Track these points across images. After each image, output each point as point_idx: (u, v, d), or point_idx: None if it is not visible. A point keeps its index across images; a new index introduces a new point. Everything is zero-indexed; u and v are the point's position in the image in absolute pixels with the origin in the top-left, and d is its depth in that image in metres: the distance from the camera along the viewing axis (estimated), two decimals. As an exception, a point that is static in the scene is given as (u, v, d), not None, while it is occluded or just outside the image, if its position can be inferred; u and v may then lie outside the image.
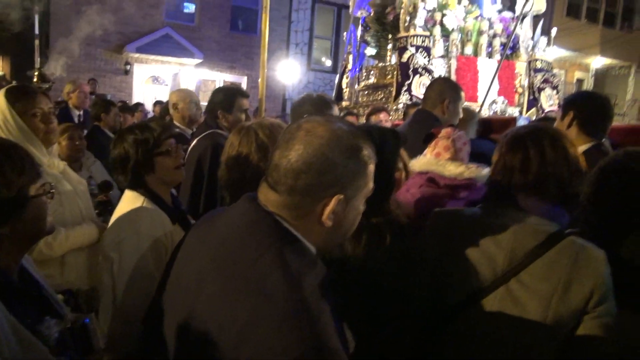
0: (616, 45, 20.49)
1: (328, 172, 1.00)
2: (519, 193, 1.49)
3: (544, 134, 1.52)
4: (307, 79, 17.09)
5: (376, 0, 6.19)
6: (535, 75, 6.14)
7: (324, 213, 1.02)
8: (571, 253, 1.38)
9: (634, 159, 1.60)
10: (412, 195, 2.08)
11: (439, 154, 2.15)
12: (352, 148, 1.03)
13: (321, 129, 1.02)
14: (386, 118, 4.64)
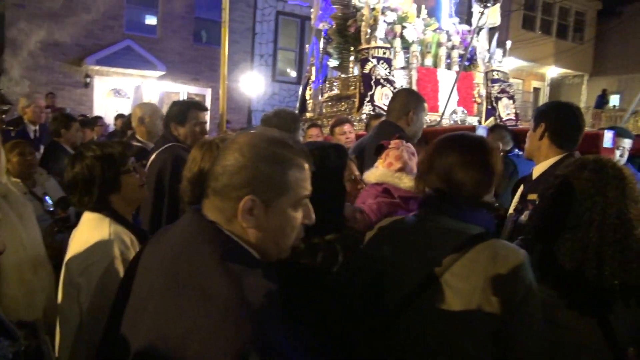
0: (569, 56, 21.43)
1: (238, 174, 1.06)
2: (444, 198, 1.54)
3: (462, 141, 1.58)
4: (272, 90, 17.11)
5: (337, 13, 6.28)
6: (493, 86, 6.35)
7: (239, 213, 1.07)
8: (490, 253, 1.42)
9: (572, 165, 1.70)
10: (368, 207, 2.12)
11: (390, 164, 2.21)
12: (267, 154, 1.08)
13: (243, 138, 1.11)
14: (350, 129, 4.68)
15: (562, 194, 1.63)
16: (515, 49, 19.56)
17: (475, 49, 6.53)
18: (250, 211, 1.06)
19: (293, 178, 1.10)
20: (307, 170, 1.15)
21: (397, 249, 1.58)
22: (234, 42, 16.03)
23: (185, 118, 2.98)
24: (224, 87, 3.66)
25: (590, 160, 1.66)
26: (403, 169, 2.18)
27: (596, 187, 1.59)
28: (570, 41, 21.90)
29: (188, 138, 2.99)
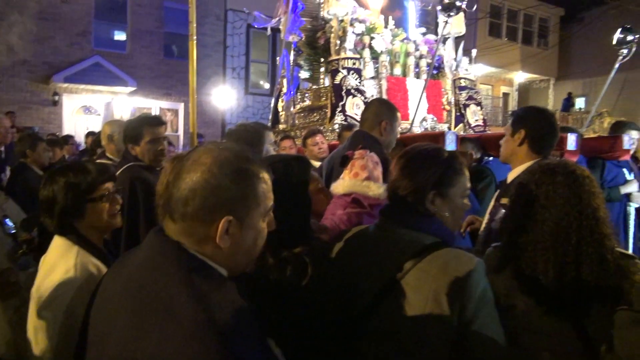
0: (535, 61, 22.03)
1: (212, 196, 1.04)
2: (401, 208, 1.57)
3: (421, 151, 1.61)
4: (245, 102, 17.10)
5: (306, 26, 6.34)
6: (460, 93, 6.48)
7: (217, 236, 1.06)
8: (441, 263, 1.42)
9: (533, 171, 1.75)
10: (338, 218, 2.13)
11: (357, 174, 2.23)
12: (236, 171, 1.08)
13: (205, 156, 1.08)
14: (322, 140, 4.73)
15: (537, 201, 1.65)
16: (483, 56, 20.05)
17: (442, 58, 6.66)
18: (227, 231, 1.05)
19: (262, 191, 1.12)
20: (270, 181, 1.16)
21: (359, 258, 1.58)
22: (205, 56, 15.99)
23: (139, 136, 2.88)
24: (193, 104, 3.62)
25: (559, 165, 1.71)
26: (369, 178, 2.20)
27: (572, 190, 1.64)
28: (536, 47, 22.54)
29: (145, 156, 2.89)
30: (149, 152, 2.90)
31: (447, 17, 4.78)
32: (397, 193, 1.58)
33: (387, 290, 1.47)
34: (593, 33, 19.42)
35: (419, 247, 1.47)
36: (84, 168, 1.91)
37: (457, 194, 1.61)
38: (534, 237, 1.61)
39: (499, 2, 20.83)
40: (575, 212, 1.60)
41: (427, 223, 1.55)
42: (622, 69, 5.76)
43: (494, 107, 21.52)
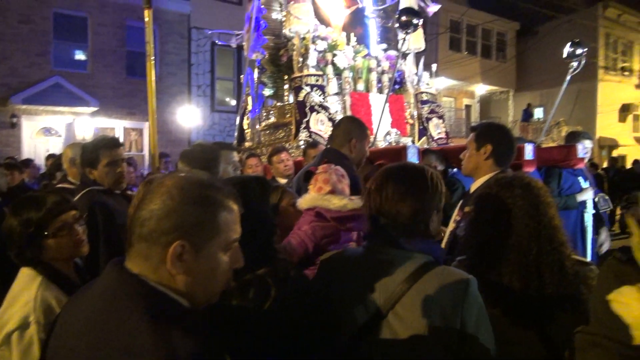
0: (495, 74, 22.75)
1: (166, 218, 1.02)
2: (390, 229, 1.53)
3: (391, 170, 1.59)
4: (211, 120, 17.00)
5: (269, 43, 6.39)
6: (422, 107, 6.63)
7: (167, 260, 1.02)
8: (436, 282, 1.43)
9: (492, 185, 1.80)
10: (304, 233, 2.15)
11: (320, 188, 2.27)
12: (196, 196, 1.05)
13: (170, 180, 1.07)
14: (287, 157, 4.74)
15: (498, 214, 1.69)
16: (445, 69, 20.60)
17: (403, 73, 6.81)
18: (179, 257, 1.02)
19: (223, 221, 1.07)
20: (237, 212, 1.12)
21: (344, 283, 1.56)
22: (169, 74, 15.87)
23: (96, 160, 2.82)
24: (153, 124, 3.58)
25: (515, 178, 1.77)
26: (333, 191, 2.24)
27: (529, 201, 1.69)
28: (495, 60, 23.29)
29: (104, 180, 2.84)
30: (108, 175, 2.84)
31: (404, 34, 4.91)
32: (393, 215, 1.52)
33: (382, 313, 1.45)
34: (547, 46, 20.21)
35: (414, 268, 1.46)
36: (39, 201, 1.85)
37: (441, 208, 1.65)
38: (498, 250, 1.65)
39: (458, 18, 21.47)
40: (534, 222, 1.65)
41: (426, 243, 1.54)
42: (575, 80, 6.01)
43: (457, 119, 22.06)
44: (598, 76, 21.87)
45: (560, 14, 20.71)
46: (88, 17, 14.56)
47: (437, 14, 20.76)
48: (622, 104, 23.07)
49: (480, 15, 22.28)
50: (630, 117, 23.57)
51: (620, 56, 23.52)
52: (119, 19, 14.93)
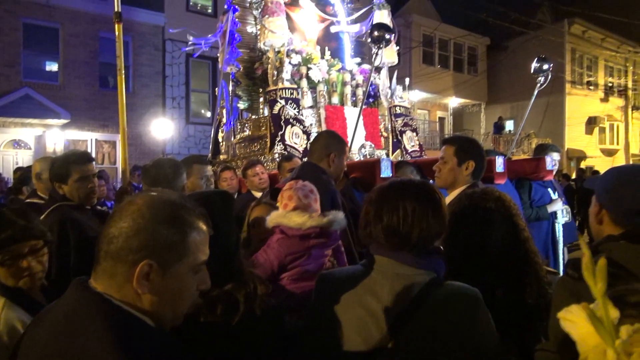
0: (467, 87, 23.24)
1: (135, 236, 1.01)
2: (393, 246, 1.49)
3: (404, 186, 1.55)
4: (186, 132, 16.85)
5: (244, 57, 6.39)
6: (396, 120, 6.71)
7: (134, 278, 1.01)
8: (447, 299, 1.42)
9: (469, 198, 1.83)
10: (270, 249, 2.16)
11: (286, 205, 2.28)
12: (167, 216, 1.05)
13: (141, 198, 1.07)
14: (262, 170, 4.73)
15: (474, 227, 1.71)
16: (419, 83, 20.95)
17: (378, 87, 6.90)
18: (146, 276, 1.01)
19: (193, 242, 1.07)
20: (206, 233, 1.12)
21: (344, 307, 1.51)
22: (143, 86, 15.70)
23: (67, 175, 2.76)
24: (124, 139, 3.53)
25: (486, 192, 1.81)
26: (298, 207, 2.25)
27: (502, 214, 1.73)
28: (466, 73, 23.82)
29: (74, 195, 2.78)
30: (78, 191, 2.78)
31: (376, 48, 4.99)
32: (408, 233, 1.47)
33: (394, 331, 1.42)
34: (517, 60, 20.80)
35: (422, 286, 1.44)
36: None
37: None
38: (478, 263, 1.68)
39: (430, 32, 21.91)
40: (509, 235, 1.69)
41: (432, 261, 1.51)
42: (545, 93, 6.20)
43: (431, 131, 22.41)
44: (566, 90, 22.58)
45: (529, 30, 21.36)
46: (60, 27, 14.34)
47: (410, 28, 21.16)
48: (588, 116, 23.84)
49: (451, 30, 22.81)
50: (597, 129, 24.35)
51: (586, 71, 24.35)
52: (91, 30, 14.75)
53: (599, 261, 0.59)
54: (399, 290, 1.44)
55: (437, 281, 1.46)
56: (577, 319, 0.60)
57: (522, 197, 4.46)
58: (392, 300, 1.44)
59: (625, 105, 26.10)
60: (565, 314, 0.63)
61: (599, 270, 0.59)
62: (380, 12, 6.93)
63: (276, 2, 5.92)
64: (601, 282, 0.60)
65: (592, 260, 0.59)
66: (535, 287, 1.66)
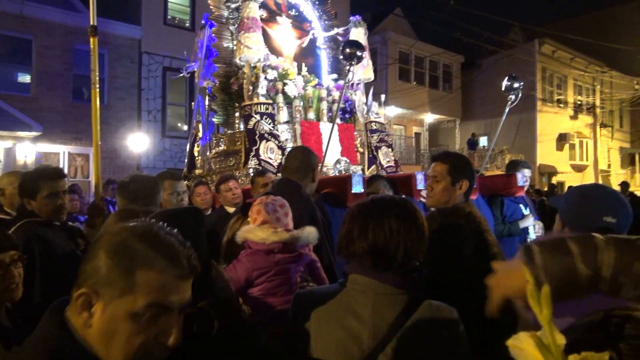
0: (442, 103, 23.67)
1: (89, 262, 0.96)
2: (378, 266, 1.46)
3: (388, 204, 1.53)
4: (162, 146, 16.67)
5: (220, 72, 6.40)
6: (372, 136, 6.79)
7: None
8: (427, 318, 1.41)
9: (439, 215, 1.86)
10: (239, 264, 2.17)
11: (255, 220, 2.30)
12: (116, 245, 0.97)
13: (115, 221, 1.06)
14: (235, 185, 4.70)
15: (446, 244, 1.74)
16: (395, 98, 21.25)
17: (354, 102, 6.98)
18: (86, 305, 0.93)
19: (144, 281, 0.93)
20: (177, 276, 0.97)
21: (324, 327, 1.48)
22: (119, 99, 15.52)
23: (36, 190, 2.69)
24: (97, 153, 3.48)
25: (457, 208, 1.84)
26: (266, 222, 2.26)
27: (473, 229, 1.76)
28: (442, 90, 24.27)
29: (43, 212, 2.71)
30: (47, 207, 2.71)
31: (349, 65, 5.05)
32: (394, 251, 1.45)
33: (377, 350, 1.39)
34: (490, 78, 21.30)
35: (404, 305, 1.43)
36: None
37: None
38: (451, 279, 1.71)
39: (406, 49, 22.31)
40: (478, 250, 1.72)
41: (412, 279, 1.50)
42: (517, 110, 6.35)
43: (407, 146, 22.68)
44: (537, 107, 23.20)
45: (501, 49, 21.98)
46: (33, 39, 14.11)
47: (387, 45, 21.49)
48: (559, 133, 24.50)
49: (427, 47, 23.28)
50: (567, 145, 25.02)
51: (556, 89, 25.08)
52: (65, 42, 14.56)
53: (543, 288, 0.60)
54: (381, 311, 1.42)
55: (417, 301, 1.44)
56: (526, 346, 0.61)
57: (494, 213, 4.53)
58: (374, 321, 1.41)
59: (593, 122, 26.93)
60: (513, 342, 0.64)
61: (543, 297, 0.61)
62: (357, 29, 7.05)
63: (252, 18, 5.96)
64: (546, 309, 0.61)
65: (536, 288, 0.61)
66: (504, 303, 1.69)
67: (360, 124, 7.10)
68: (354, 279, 1.49)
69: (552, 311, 0.60)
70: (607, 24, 28.21)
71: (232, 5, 6.40)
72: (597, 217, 1.61)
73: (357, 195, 3.71)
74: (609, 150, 28.10)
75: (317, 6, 7.46)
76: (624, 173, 28.22)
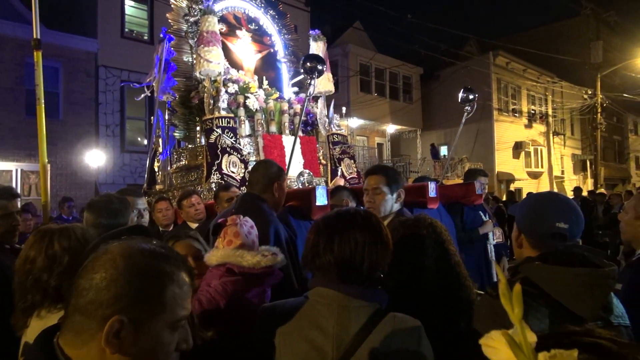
0: (403, 114, 24.11)
1: (106, 289, 0.92)
2: (344, 279, 1.47)
3: (353, 217, 1.54)
4: (121, 161, 16.25)
5: (179, 86, 6.31)
6: (334, 148, 6.83)
7: (102, 337, 0.91)
8: (391, 330, 1.41)
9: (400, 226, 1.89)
10: (214, 289, 2.07)
11: (230, 242, 2.18)
12: (143, 266, 0.97)
13: (116, 248, 0.98)
14: (198, 201, 4.63)
15: (408, 254, 1.74)
16: (358, 110, 21.51)
17: (315, 115, 7.02)
18: (117, 334, 0.91)
19: (171, 296, 0.97)
20: (189, 286, 1.03)
21: (288, 341, 1.48)
22: (74, 114, 15.07)
23: None
24: (44, 171, 3.35)
25: (418, 219, 1.87)
26: (243, 245, 2.17)
27: (434, 240, 1.78)
28: (402, 101, 24.74)
29: None
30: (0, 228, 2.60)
31: (310, 79, 5.09)
32: (359, 264, 1.46)
33: None
34: (448, 89, 21.84)
35: (367, 318, 1.43)
36: None
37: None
38: (413, 290, 1.71)
39: (367, 62, 22.66)
40: (441, 260, 1.75)
41: (376, 292, 1.51)
42: (475, 120, 6.54)
43: (370, 157, 22.93)
44: (493, 117, 23.95)
45: (458, 61, 22.67)
46: (-18, 53, 13.59)
47: (347, 58, 21.76)
48: (515, 141, 25.34)
49: (387, 59, 23.72)
50: (523, 153, 25.90)
51: (511, 99, 25.99)
52: (18, 55, 14.05)
53: (515, 287, 0.62)
54: (345, 324, 1.42)
55: (381, 313, 1.45)
56: (498, 345, 0.63)
57: (455, 221, 4.63)
58: (338, 334, 1.41)
59: (546, 131, 28.02)
60: (486, 340, 0.65)
61: (515, 296, 0.63)
62: (317, 43, 7.12)
63: (212, 32, 5.92)
64: (518, 308, 0.62)
65: (508, 287, 0.63)
66: (466, 312, 1.72)
67: (322, 136, 7.14)
68: (319, 292, 1.49)
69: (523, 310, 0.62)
70: (556, 37, 29.57)
71: (191, 19, 6.35)
72: (550, 223, 1.69)
73: (321, 207, 3.70)
74: (562, 157, 29.27)
75: (276, 20, 7.51)
76: (576, 179, 29.46)
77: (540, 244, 1.70)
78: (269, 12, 7.42)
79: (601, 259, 1.47)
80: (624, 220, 2.50)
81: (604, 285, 1.41)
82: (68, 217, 8.33)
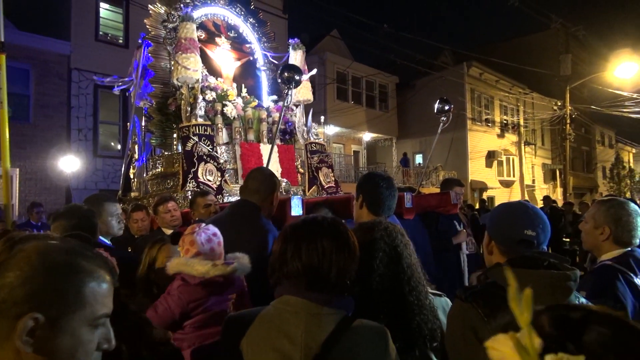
0: (379, 122, 24.35)
1: (21, 287, 0.90)
2: (312, 286, 1.47)
3: (320, 224, 1.54)
4: (94, 166, 15.91)
5: (157, 92, 6.25)
6: (312, 157, 6.85)
7: (16, 335, 0.88)
8: (358, 336, 1.43)
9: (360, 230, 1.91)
10: (170, 298, 2.08)
11: (187, 251, 2.20)
12: (59, 262, 0.94)
13: (31, 246, 0.96)
14: (174, 207, 4.57)
15: (363, 258, 1.79)
16: (334, 118, 21.63)
17: (294, 124, 7.04)
18: (31, 332, 0.88)
19: (90, 292, 0.95)
20: (109, 284, 1.01)
21: (254, 350, 1.47)
22: (46, 117, 14.72)
23: None
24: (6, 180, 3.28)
25: (375, 223, 1.89)
26: (199, 254, 2.18)
27: (389, 244, 1.81)
28: (378, 110, 24.99)
29: None
30: None
31: (287, 89, 5.11)
32: (326, 271, 1.46)
33: None
34: (423, 98, 22.22)
35: (335, 325, 1.44)
36: None
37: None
38: (368, 294, 1.71)
39: (343, 70, 22.83)
40: (394, 264, 1.77)
41: (344, 299, 1.51)
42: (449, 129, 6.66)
43: (346, 164, 23.06)
44: (467, 126, 24.41)
45: (433, 71, 23.06)
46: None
47: (324, 65, 21.89)
48: (488, 151, 25.87)
49: (363, 68, 23.95)
50: (495, 162, 26.44)
51: (484, 109, 26.54)
52: (-15, 57, 13.67)
53: (525, 291, 0.64)
54: (313, 331, 1.42)
55: (348, 320, 1.46)
56: (504, 348, 0.64)
57: (429, 230, 4.70)
58: (306, 342, 1.41)
59: (518, 140, 28.69)
60: (492, 343, 0.67)
61: (524, 301, 0.64)
62: (295, 52, 7.16)
63: (190, 39, 5.89)
64: (527, 312, 0.62)
65: (518, 291, 0.64)
66: (417, 314, 1.75)
67: (300, 144, 7.16)
68: (286, 300, 1.49)
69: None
70: (527, 50, 30.38)
71: (170, 26, 6.30)
72: (519, 231, 1.77)
73: (296, 218, 3.72)
74: (533, 167, 30.00)
75: (256, 28, 7.52)
76: (546, 187, 30.22)
77: (509, 251, 1.79)
78: (248, 20, 7.43)
79: (564, 264, 1.54)
80: (584, 229, 2.60)
81: (564, 287, 1.47)
82: (37, 223, 8.12)
